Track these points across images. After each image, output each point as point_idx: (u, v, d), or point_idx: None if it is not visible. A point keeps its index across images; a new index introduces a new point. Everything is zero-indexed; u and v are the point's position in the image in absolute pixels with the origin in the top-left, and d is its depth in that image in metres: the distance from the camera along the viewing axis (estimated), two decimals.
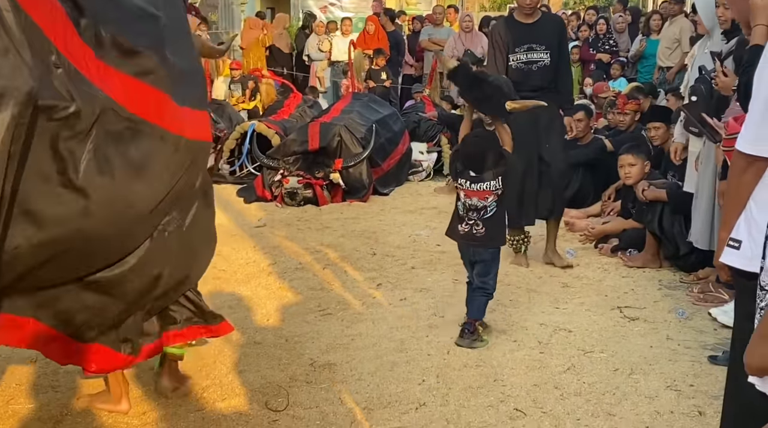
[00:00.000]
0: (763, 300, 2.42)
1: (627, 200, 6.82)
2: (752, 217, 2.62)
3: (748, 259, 2.57)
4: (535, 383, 4.19)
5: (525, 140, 5.72)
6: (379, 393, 4.09)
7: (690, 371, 4.34)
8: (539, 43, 6.02)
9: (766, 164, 2.61)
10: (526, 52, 6.02)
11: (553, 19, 6.54)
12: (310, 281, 5.84)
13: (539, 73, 6.01)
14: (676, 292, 5.65)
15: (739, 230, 2.68)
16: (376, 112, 9.52)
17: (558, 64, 6.08)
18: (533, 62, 6.02)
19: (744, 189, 2.68)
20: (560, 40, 6.18)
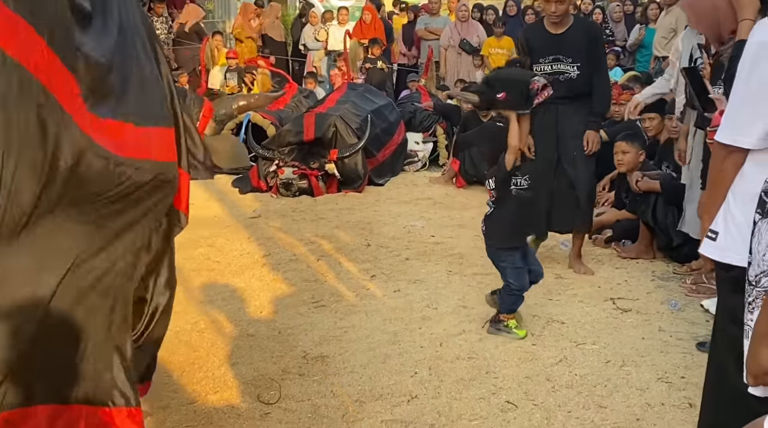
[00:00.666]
0: (750, 295, 2.42)
1: (621, 191, 6.82)
2: (729, 209, 2.65)
3: (722, 250, 2.60)
4: (527, 375, 4.21)
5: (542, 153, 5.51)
6: (371, 385, 4.10)
7: (681, 363, 4.35)
8: (566, 55, 5.59)
9: (743, 154, 2.64)
10: (551, 64, 5.62)
11: (585, 28, 5.83)
12: (304, 273, 5.85)
13: (565, 85, 5.55)
14: (669, 283, 5.66)
15: (717, 222, 2.71)
16: (372, 102, 9.51)
17: (590, 77, 5.63)
18: (559, 73, 5.59)
19: (724, 180, 2.71)
20: (593, 51, 5.66)
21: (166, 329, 3.35)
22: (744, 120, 2.59)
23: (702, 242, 2.76)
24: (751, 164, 2.59)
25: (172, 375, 4.21)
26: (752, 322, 2.41)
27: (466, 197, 8.28)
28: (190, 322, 4.93)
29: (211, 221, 7.36)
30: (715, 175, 2.76)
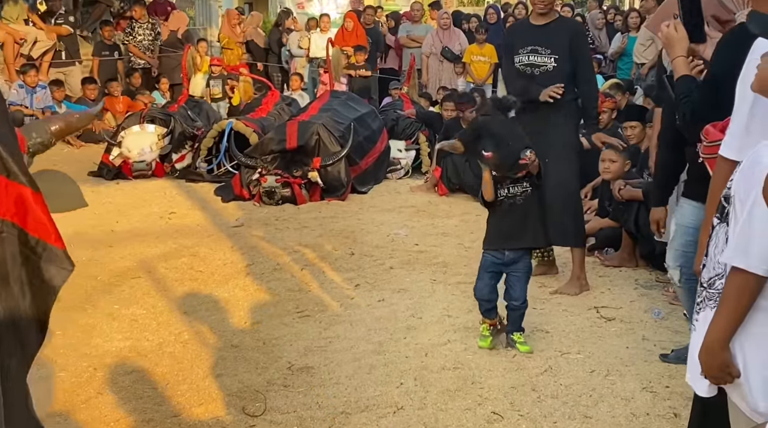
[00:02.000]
0: (700, 296, 2.46)
1: (604, 199, 6.85)
2: None
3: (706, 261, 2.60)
4: (513, 385, 4.21)
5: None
6: (356, 396, 4.09)
7: (665, 372, 4.36)
8: (544, 46, 5.51)
9: None
10: (529, 54, 5.55)
11: (567, 24, 5.88)
12: (287, 282, 5.83)
13: (543, 78, 5.49)
14: (652, 291, 5.68)
15: None
16: (354, 110, 9.51)
17: (572, 73, 5.52)
18: (536, 66, 5.53)
19: None
20: (574, 46, 5.54)
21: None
22: (754, 138, 2.60)
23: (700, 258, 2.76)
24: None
25: (156, 388, 4.19)
26: (697, 323, 2.45)
27: (449, 205, 8.28)
28: (174, 333, 4.90)
29: (193, 230, 7.33)
30: (718, 190, 2.76)
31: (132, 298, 5.51)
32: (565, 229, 5.59)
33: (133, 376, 4.31)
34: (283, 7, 18.91)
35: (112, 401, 4.03)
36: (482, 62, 12.17)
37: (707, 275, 2.42)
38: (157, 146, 9.41)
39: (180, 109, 10.13)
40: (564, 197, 5.56)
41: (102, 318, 5.12)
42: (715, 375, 2.32)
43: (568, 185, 5.65)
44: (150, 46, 13.39)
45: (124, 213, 7.89)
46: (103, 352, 4.62)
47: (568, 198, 5.64)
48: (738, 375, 2.27)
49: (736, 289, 2.22)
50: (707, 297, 2.42)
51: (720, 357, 2.28)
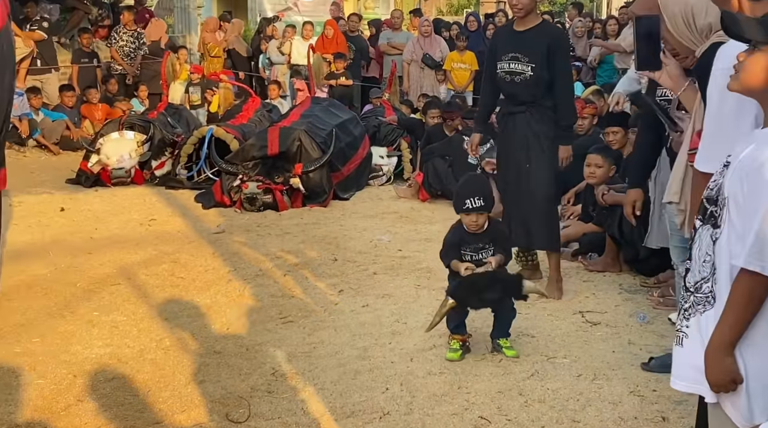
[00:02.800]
0: (687, 302, 2.42)
1: (587, 204, 6.84)
2: None
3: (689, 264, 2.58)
4: (500, 390, 4.17)
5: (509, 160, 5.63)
6: (342, 402, 4.04)
7: (652, 376, 4.33)
8: (523, 53, 5.45)
9: None
10: (510, 62, 5.50)
11: (547, 31, 5.61)
12: (270, 288, 5.77)
13: (522, 86, 5.48)
14: (636, 296, 5.67)
15: None
16: (336, 116, 9.48)
17: (550, 80, 5.44)
18: (516, 73, 5.48)
19: None
20: (552, 53, 5.43)
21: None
22: (721, 148, 2.59)
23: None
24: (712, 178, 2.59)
25: (137, 395, 4.12)
26: (688, 329, 2.40)
27: (432, 211, 8.26)
28: (155, 340, 4.83)
29: (174, 236, 7.25)
30: (697, 199, 2.76)
31: (112, 305, 5.43)
32: (541, 233, 5.66)
33: (114, 383, 4.24)
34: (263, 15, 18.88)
35: (93, 408, 3.95)
36: (463, 70, 12.17)
37: (693, 279, 2.39)
38: (136, 153, 9.33)
39: (159, 116, 10.07)
40: (541, 204, 5.61)
41: (82, 325, 5.04)
42: (719, 382, 2.27)
43: (546, 191, 5.64)
44: (131, 54, 13.28)
45: (102, 220, 7.80)
46: (83, 359, 4.54)
47: (545, 204, 5.67)
48: (741, 381, 2.23)
49: (748, 293, 2.18)
50: (696, 302, 2.37)
51: (725, 363, 2.23)
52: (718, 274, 2.29)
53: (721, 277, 2.28)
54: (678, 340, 2.45)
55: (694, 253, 2.40)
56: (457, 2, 40.64)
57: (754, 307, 2.19)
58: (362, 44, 13.64)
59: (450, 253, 4.67)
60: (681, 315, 2.44)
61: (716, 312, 2.28)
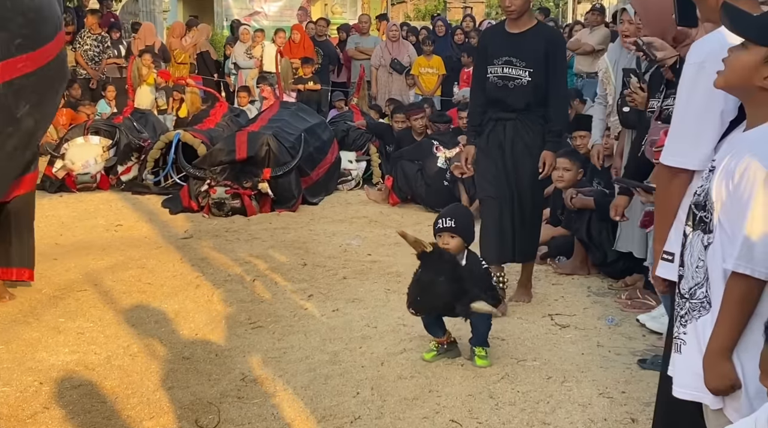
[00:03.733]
0: (683, 308, 2.43)
1: (556, 208, 6.88)
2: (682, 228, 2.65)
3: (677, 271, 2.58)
4: (470, 393, 4.17)
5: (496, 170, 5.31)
6: (313, 407, 4.02)
7: (621, 377, 4.37)
8: (520, 58, 5.14)
9: (689, 175, 2.65)
10: (503, 66, 5.18)
11: (544, 33, 5.31)
12: (239, 294, 5.72)
13: (516, 92, 5.18)
14: (604, 298, 5.71)
15: (671, 243, 2.71)
16: (305, 121, 9.44)
17: (542, 87, 5.17)
18: (510, 79, 5.18)
19: (671, 201, 2.72)
20: (550, 57, 5.16)
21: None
22: (687, 142, 2.61)
23: (656, 265, 2.76)
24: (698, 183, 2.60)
25: (104, 402, 4.06)
26: (685, 335, 2.41)
27: (401, 215, 8.26)
28: (122, 346, 4.77)
29: (141, 241, 7.18)
30: (662, 197, 2.77)
31: (78, 311, 5.35)
32: (526, 245, 5.49)
33: (81, 390, 4.18)
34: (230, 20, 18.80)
35: (60, 416, 3.89)
36: (430, 74, 12.19)
37: (687, 286, 2.40)
38: (101, 158, 9.24)
39: (125, 120, 9.96)
40: (530, 217, 5.46)
41: (47, 332, 4.96)
42: (718, 388, 2.28)
43: (535, 204, 5.51)
44: (95, 58, 13.14)
45: (68, 226, 7.70)
46: (49, 366, 4.47)
47: (534, 217, 5.54)
48: (740, 385, 2.25)
49: (740, 296, 2.20)
50: (691, 308, 2.39)
51: (723, 367, 2.25)
52: (711, 279, 2.30)
53: (714, 282, 2.29)
54: (676, 347, 2.46)
55: (686, 259, 2.40)
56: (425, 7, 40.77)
57: (747, 310, 2.21)
58: (330, 49, 13.61)
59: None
60: (678, 322, 2.44)
61: (712, 317, 2.29)
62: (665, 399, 2.81)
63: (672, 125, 2.73)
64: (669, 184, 2.71)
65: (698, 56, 2.60)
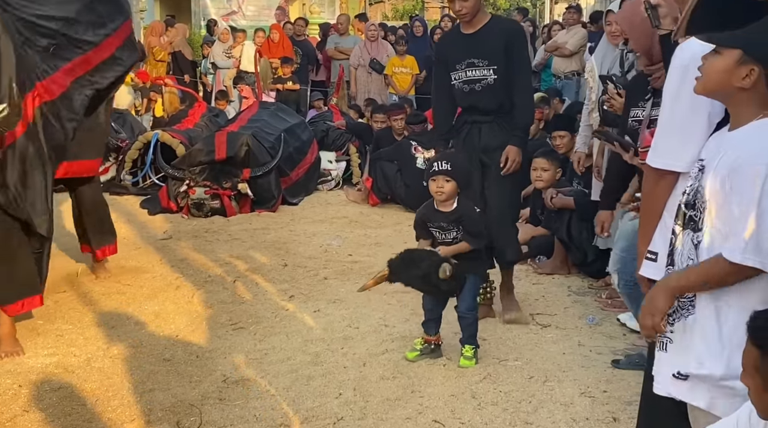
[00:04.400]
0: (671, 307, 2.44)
1: (535, 208, 6.90)
2: (668, 229, 2.66)
3: (664, 270, 2.60)
4: (453, 393, 4.17)
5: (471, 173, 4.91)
6: (295, 408, 4.01)
7: (602, 377, 4.38)
8: (481, 57, 4.88)
9: (675, 177, 2.67)
10: (467, 70, 4.93)
11: (501, 26, 5.01)
12: (219, 295, 5.70)
13: (485, 93, 4.93)
14: (585, 298, 5.74)
15: (655, 243, 2.73)
16: (284, 121, 9.42)
17: (511, 81, 4.92)
18: (475, 81, 4.92)
19: (657, 202, 2.73)
20: (511, 50, 4.89)
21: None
22: (674, 144, 2.62)
23: (641, 264, 2.77)
24: (684, 185, 2.61)
25: (85, 404, 4.03)
26: (672, 334, 2.43)
27: (381, 216, 8.25)
28: (102, 348, 4.74)
29: (120, 243, 7.07)
30: (648, 198, 2.78)
31: (57, 313, 5.31)
32: (510, 247, 5.19)
33: (61, 393, 4.14)
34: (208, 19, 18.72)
35: (40, 419, 3.86)
36: (404, 74, 12.18)
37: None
38: None
39: None
40: (509, 218, 5.21)
41: (25, 334, 4.91)
42: (644, 313, 2.38)
43: (514, 205, 5.31)
44: None
45: None
46: (28, 369, 4.43)
47: (513, 218, 5.32)
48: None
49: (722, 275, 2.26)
50: (680, 307, 2.41)
51: (658, 300, 2.34)
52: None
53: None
54: (662, 345, 2.47)
55: (676, 258, 2.42)
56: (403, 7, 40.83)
57: (716, 286, 2.29)
58: (309, 48, 13.58)
59: (418, 230, 4.64)
60: (665, 320, 2.46)
61: (700, 315, 2.31)
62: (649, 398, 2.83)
63: (659, 127, 2.74)
64: (655, 185, 2.73)
65: (683, 59, 2.61)
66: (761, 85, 2.27)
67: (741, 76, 2.27)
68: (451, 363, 4.54)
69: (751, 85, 2.27)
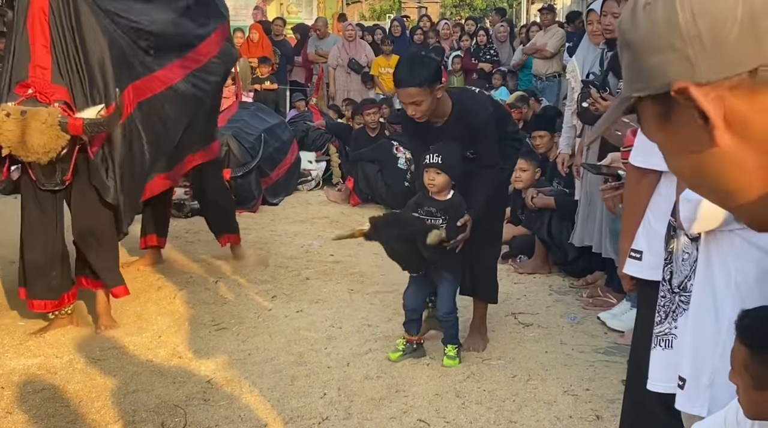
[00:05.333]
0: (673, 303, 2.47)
1: (516, 207, 6.94)
2: (651, 227, 2.70)
3: (649, 268, 2.63)
4: (437, 392, 4.20)
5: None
6: (279, 409, 4.01)
7: (585, 375, 4.42)
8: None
9: (657, 175, 2.71)
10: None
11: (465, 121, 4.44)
12: (202, 295, 5.69)
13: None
14: (566, 297, 5.78)
15: (639, 241, 2.76)
16: (264, 121, 9.40)
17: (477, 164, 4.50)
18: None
19: (640, 200, 2.77)
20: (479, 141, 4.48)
21: None
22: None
23: (624, 263, 2.81)
24: (666, 183, 2.65)
25: (68, 406, 4.01)
26: (677, 329, 2.46)
27: (362, 216, 8.19)
28: (85, 350, 4.71)
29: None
30: (631, 196, 2.82)
31: (39, 314, 5.26)
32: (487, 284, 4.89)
33: (44, 394, 4.12)
34: None
35: (23, 420, 3.84)
36: (390, 74, 12.19)
37: (677, 280, 2.43)
38: None
39: None
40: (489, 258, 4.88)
41: (7, 335, 4.88)
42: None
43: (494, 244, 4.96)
44: None
45: None
46: (10, 370, 4.40)
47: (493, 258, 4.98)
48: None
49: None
50: (683, 301, 2.43)
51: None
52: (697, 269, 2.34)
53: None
54: (667, 343, 2.49)
55: (675, 255, 2.45)
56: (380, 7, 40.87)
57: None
58: (287, 49, 13.56)
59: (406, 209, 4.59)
60: (669, 317, 2.48)
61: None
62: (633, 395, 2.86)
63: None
64: (638, 184, 2.77)
65: None
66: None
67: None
68: (435, 363, 4.56)
69: None
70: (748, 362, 1.87)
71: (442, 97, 4.34)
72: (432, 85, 4.21)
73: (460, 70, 12.46)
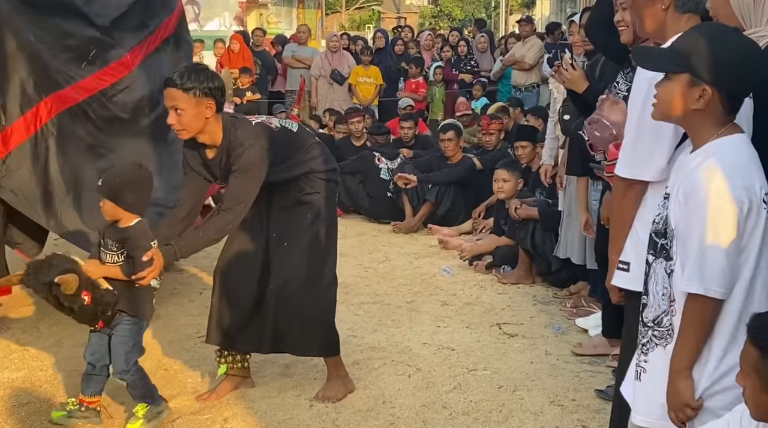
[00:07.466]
0: (645, 337, 2.47)
1: (499, 218, 6.98)
2: (638, 238, 2.71)
3: (637, 280, 2.65)
4: (424, 403, 4.20)
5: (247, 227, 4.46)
6: (267, 421, 4.00)
7: (570, 385, 4.44)
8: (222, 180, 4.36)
9: (644, 186, 2.73)
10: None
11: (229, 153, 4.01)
12: (186, 307, 5.67)
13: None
14: (550, 307, 5.81)
15: (626, 253, 2.78)
16: None
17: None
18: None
19: (627, 212, 2.79)
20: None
21: None
22: (642, 154, 2.67)
23: (612, 275, 2.83)
24: (653, 194, 2.67)
25: (53, 418, 3.98)
26: (646, 363, 2.46)
27: (345, 226, 8.22)
28: (70, 362, 4.68)
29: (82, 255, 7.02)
30: (618, 208, 2.83)
31: (23, 327, 5.24)
32: (321, 336, 4.23)
33: (29, 407, 4.10)
34: None
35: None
36: (368, 83, 12.24)
37: (652, 315, 2.43)
38: None
39: None
40: (315, 302, 4.26)
41: None
42: (674, 406, 2.31)
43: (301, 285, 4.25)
44: None
45: None
46: None
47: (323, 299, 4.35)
48: (696, 407, 2.27)
49: (698, 317, 2.24)
50: (656, 336, 2.42)
51: (680, 387, 2.29)
52: (676, 306, 2.34)
53: (678, 309, 2.33)
54: (636, 374, 2.50)
55: (650, 288, 2.43)
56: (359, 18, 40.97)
57: (704, 330, 2.25)
58: (268, 59, 13.55)
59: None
60: (639, 350, 2.49)
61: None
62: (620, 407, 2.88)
63: (626, 138, 2.79)
64: (624, 195, 2.78)
65: (648, 71, 2.67)
66: (714, 103, 2.28)
67: (694, 98, 2.30)
68: (421, 373, 4.57)
69: (705, 105, 2.28)
70: (759, 364, 1.88)
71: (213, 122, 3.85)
72: (200, 97, 3.74)
73: (441, 80, 12.51)
